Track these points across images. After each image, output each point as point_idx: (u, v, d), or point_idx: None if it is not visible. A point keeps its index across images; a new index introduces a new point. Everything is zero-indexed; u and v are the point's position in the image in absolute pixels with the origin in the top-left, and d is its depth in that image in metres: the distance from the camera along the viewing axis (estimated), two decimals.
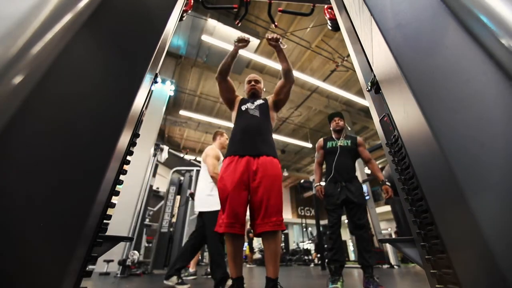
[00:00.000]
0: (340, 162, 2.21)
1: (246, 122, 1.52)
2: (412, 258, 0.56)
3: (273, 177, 1.35)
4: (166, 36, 0.76)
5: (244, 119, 1.54)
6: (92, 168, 0.41)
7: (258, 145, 1.42)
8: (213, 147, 2.46)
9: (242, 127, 1.50)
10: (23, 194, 0.32)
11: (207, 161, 2.30)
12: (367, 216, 2.04)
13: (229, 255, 1.31)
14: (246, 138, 1.45)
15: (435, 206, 0.41)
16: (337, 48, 6.81)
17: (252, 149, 1.41)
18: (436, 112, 0.36)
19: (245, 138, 1.45)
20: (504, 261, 0.25)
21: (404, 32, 0.47)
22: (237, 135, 1.49)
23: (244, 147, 1.42)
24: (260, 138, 1.45)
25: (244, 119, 1.54)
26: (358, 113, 9.67)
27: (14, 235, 0.30)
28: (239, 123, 1.54)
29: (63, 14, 0.40)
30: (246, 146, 1.42)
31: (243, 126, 1.50)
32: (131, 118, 0.53)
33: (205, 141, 11.34)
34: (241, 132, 1.48)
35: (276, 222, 1.27)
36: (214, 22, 5.47)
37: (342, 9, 0.93)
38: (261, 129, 1.49)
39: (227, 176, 1.36)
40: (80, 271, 0.41)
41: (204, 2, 1.61)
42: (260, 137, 1.46)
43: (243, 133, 1.47)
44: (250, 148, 1.41)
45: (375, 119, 0.68)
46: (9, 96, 0.31)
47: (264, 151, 1.41)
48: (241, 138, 1.46)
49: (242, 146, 1.43)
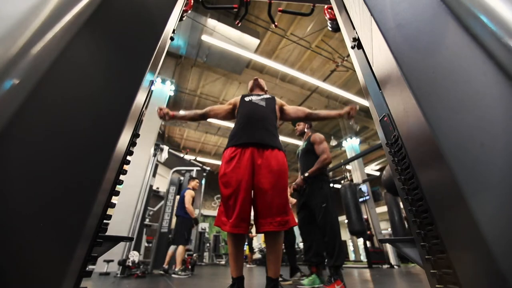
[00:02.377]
0: (301, 165, 2.33)
1: (250, 109, 1.44)
2: (412, 258, 0.55)
3: (278, 174, 1.27)
4: (166, 36, 0.76)
5: (248, 107, 1.46)
6: (92, 168, 0.41)
7: (263, 133, 1.34)
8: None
9: (246, 113, 1.42)
10: (23, 194, 0.32)
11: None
12: (330, 217, 1.96)
13: (231, 254, 1.27)
14: (250, 125, 1.36)
15: (435, 206, 0.41)
16: (337, 48, 6.81)
17: (256, 137, 1.32)
18: (436, 112, 0.36)
19: (250, 124, 1.36)
20: (504, 261, 0.25)
21: (404, 32, 0.47)
22: (240, 122, 1.40)
23: (248, 134, 1.33)
24: (265, 126, 1.36)
25: (248, 107, 1.46)
26: (358, 113, 9.64)
27: (14, 235, 0.30)
28: (243, 110, 1.46)
29: (63, 14, 0.40)
30: (250, 133, 1.33)
31: (247, 113, 1.42)
32: (131, 118, 0.53)
33: (205, 141, 11.35)
34: (245, 118, 1.39)
35: (281, 222, 1.22)
36: (214, 22, 5.47)
37: (342, 9, 0.93)
38: (266, 117, 1.41)
39: (231, 173, 1.27)
40: (80, 271, 0.41)
41: (204, 2, 1.61)
42: (265, 125, 1.37)
43: (247, 119, 1.39)
44: (255, 136, 1.32)
45: (375, 119, 0.68)
46: (9, 96, 0.31)
47: (270, 143, 1.32)
48: (245, 124, 1.37)
49: (246, 134, 1.34)
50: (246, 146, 1.31)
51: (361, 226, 5.54)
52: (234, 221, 1.22)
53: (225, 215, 1.28)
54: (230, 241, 1.29)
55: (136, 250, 3.51)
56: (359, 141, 9.94)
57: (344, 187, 5.93)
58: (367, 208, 7.28)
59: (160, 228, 4.29)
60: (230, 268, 1.29)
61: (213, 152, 12.36)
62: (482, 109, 0.31)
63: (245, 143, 1.32)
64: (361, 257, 12.77)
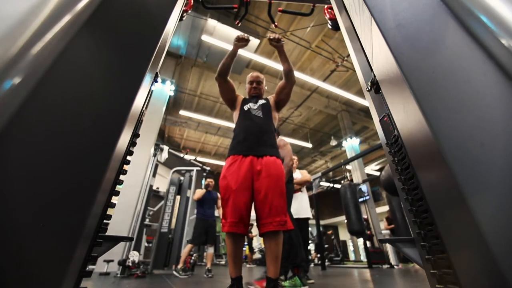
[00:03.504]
0: None
1: (249, 122, 1.52)
2: (412, 258, 0.56)
3: (276, 177, 1.35)
4: (166, 36, 0.76)
5: (247, 119, 1.53)
6: (92, 168, 0.41)
7: (261, 145, 1.43)
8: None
9: (245, 127, 1.50)
10: (23, 194, 0.32)
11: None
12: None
13: (230, 254, 1.30)
14: (249, 139, 1.45)
15: (435, 206, 0.41)
16: (337, 48, 6.81)
17: (256, 149, 1.41)
18: (436, 112, 0.36)
19: (249, 138, 1.45)
20: (504, 261, 0.25)
21: (404, 32, 0.47)
22: (240, 135, 1.48)
23: (248, 147, 1.42)
24: (264, 139, 1.45)
25: (247, 119, 1.53)
26: (358, 113, 9.68)
27: (14, 235, 0.30)
28: (242, 123, 1.54)
29: (63, 14, 0.40)
30: (250, 146, 1.42)
31: (246, 126, 1.50)
32: (131, 118, 0.53)
33: (205, 141, 11.35)
34: (245, 132, 1.48)
35: (280, 222, 1.27)
36: (214, 22, 5.48)
37: (342, 9, 0.93)
38: (264, 129, 1.50)
39: (230, 175, 1.35)
40: (80, 271, 0.41)
41: (204, 2, 1.61)
42: (264, 138, 1.46)
43: (246, 133, 1.47)
44: (254, 148, 1.42)
45: (375, 119, 0.68)
46: (9, 96, 0.31)
47: (268, 152, 1.42)
48: (244, 138, 1.46)
49: (246, 146, 1.43)
50: (246, 155, 1.41)
51: (361, 226, 5.54)
52: (232, 220, 1.27)
53: (224, 216, 1.33)
54: (228, 241, 1.31)
55: (136, 250, 3.52)
56: (359, 141, 9.94)
57: (344, 187, 5.93)
58: (367, 208, 7.28)
59: (160, 228, 4.29)
60: (229, 268, 1.30)
61: (213, 152, 12.36)
62: (482, 109, 0.31)
63: (246, 154, 1.41)
64: (361, 257, 12.78)
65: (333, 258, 7.63)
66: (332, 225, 15.02)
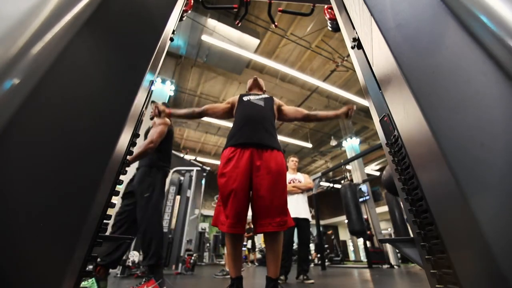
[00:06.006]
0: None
1: (249, 109, 1.44)
2: (412, 258, 0.55)
3: (277, 175, 1.28)
4: (166, 36, 0.76)
5: (247, 107, 1.46)
6: (92, 168, 0.41)
7: (262, 134, 1.34)
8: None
9: (245, 114, 1.42)
10: (23, 194, 0.32)
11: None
12: (150, 210, 1.67)
13: (230, 255, 1.27)
14: (249, 125, 1.36)
15: (435, 206, 0.41)
16: (337, 48, 6.81)
17: (255, 138, 1.32)
18: (436, 112, 0.36)
19: (249, 125, 1.36)
20: (504, 261, 0.25)
21: (404, 32, 0.47)
22: (239, 122, 1.40)
23: (247, 135, 1.33)
24: (264, 127, 1.36)
25: (247, 107, 1.46)
26: (358, 113, 9.67)
27: (14, 235, 0.30)
28: (242, 111, 1.46)
29: (63, 14, 0.40)
30: (249, 134, 1.33)
31: (246, 113, 1.42)
32: (131, 118, 0.53)
33: (205, 141, 11.35)
34: (244, 119, 1.40)
35: (280, 222, 1.23)
36: (214, 22, 5.48)
37: (342, 9, 0.93)
38: (265, 117, 1.41)
39: (230, 173, 1.27)
40: (80, 271, 0.41)
41: (204, 2, 1.61)
42: (264, 126, 1.37)
43: (246, 120, 1.39)
44: (254, 137, 1.32)
45: (375, 119, 0.68)
46: (9, 96, 0.31)
47: (269, 144, 1.33)
48: (244, 125, 1.37)
49: (244, 134, 1.34)
50: (245, 146, 1.31)
51: (361, 226, 5.54)
52: (232, 221, 1.22)
53: (223, 215, 1.27)
54: (228, 242, 1.28)
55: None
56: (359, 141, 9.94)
57: (344, 187, 5.93)
58: (367, 208, 7.28)
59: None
60: (228, 268, 1.29)
61: (213, 152, 12.37)
62: (482, 109, 0.31)
63: (244, 143, 1.32)
64: (361, 257, 12.78)
65: (333, 258, 7.64)
66: (332, 225, 15.02)
